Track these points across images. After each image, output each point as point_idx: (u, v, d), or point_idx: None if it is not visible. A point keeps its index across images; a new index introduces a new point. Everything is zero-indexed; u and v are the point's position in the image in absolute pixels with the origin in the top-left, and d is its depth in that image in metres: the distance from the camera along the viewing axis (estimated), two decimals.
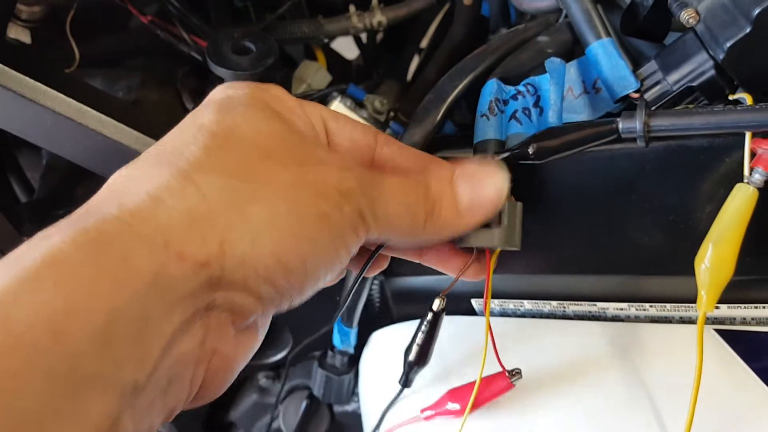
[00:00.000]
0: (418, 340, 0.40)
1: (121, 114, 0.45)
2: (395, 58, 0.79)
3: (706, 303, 0.33)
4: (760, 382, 0.38)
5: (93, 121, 0.44)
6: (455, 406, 0.41)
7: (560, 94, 0.38)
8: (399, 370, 0.41)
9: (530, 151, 0.36)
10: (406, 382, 0.41)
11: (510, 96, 0.38)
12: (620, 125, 0.35)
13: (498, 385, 0.40)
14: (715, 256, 0.33)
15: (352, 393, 0.54)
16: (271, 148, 0.29)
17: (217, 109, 0.30)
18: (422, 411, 0.43)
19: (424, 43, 0.79)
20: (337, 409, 0.61)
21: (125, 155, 0.44)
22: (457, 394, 0.42)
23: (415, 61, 0.79)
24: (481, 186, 0.33)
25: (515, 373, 0.40)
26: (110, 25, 0.61)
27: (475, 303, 0.46)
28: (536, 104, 0.38)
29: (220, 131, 0.29)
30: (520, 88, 0.38)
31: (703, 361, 0.34)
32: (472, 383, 0.40)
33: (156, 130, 0.45)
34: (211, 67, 0.45)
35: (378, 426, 0.46)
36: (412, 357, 0.40)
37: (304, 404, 0.60)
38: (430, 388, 0.44)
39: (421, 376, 0.42)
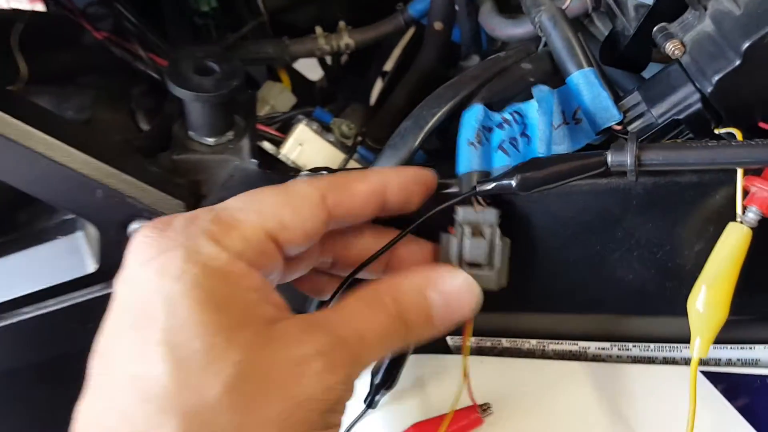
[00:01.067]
0: (386, 363, 0.39)
1: (71, 136, 0.41)
2: (359, 80, 0.77)
3: (700, 348, 0.32)
4: (750, 426, 0.36)
5: (39, 143, 0.40)
6: None
7: (549, 124, 0.36)
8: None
9: (513, 183, 0.34)
10: (371, 403, 0.41)
11: (496, 124, 0.36)
12: (609, 158, 0.33)
13: (467, 418, 0.39)
14: (709, 299, 0.32)
15: None
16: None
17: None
18: None
19: (388, 66, 0.77)
20: None
21: (74, 181, 0.41)
22: (424, 427, 0.40)
23: (378, 85, 0.77)
24: (458, 306, 0.32)
25: (485, 408, 0.39)
26: (62, 40, 0.58)
27: (450, 340, 0.44)
28: (523, 133, 0.36)
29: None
30: (506, 115, 0.36)
31: (696, 408, 0.32)
32: (440, 417, 0.39)
33: (108, 154, 0.42)
34: (170, 88, 0.43)
35: None
36: (378, 379, 0.40)
37: None
38: (396, 418, 0.42)
39: (389, 407, 0.41)
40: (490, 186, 0.34)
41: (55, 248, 0.47)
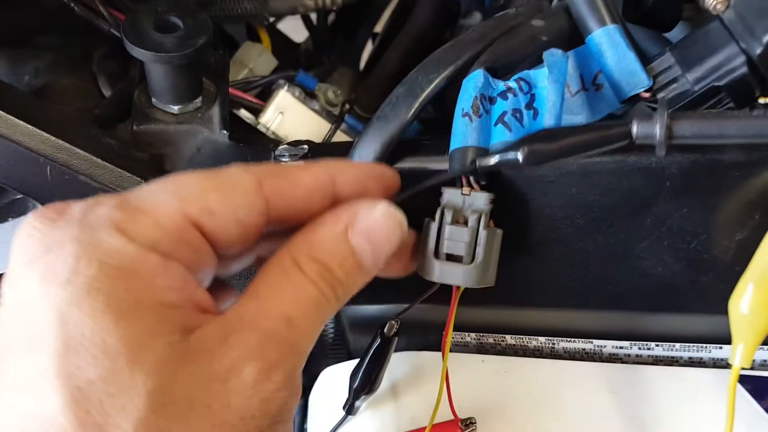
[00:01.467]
0: (365, 365, 0.36)
1: (15, 106, 0.37)
2: (347, 42, 0.72)
3: (743, 356, 0.27)
4: None
5: None
6: None
7: (560, 94, 0.31)
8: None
9: (520, 156, 0.28)
10: (350, 409, 0.38)
11: (498, 93, 0.31)
12: (635, 129, 0.28)
13: None
14: (756, 300, 0.27)
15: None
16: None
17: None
18: None
19: (379, 27, 0.72)
20: None
21: (19, 156, 0.37)
22: None
23: (368, 47, 0.72)
24: (386, 240, 0.27)
25: (469, 423, 0.36)
26: None
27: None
28: (529, 105, 0.31)
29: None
30: (511, 84, 0.31)
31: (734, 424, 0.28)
32: (420, 429, 0.36)
33: (58, 126, 0.37)
34: (127, 47, 0.37)
35: None
36: (357, 383, 0.37)
37: None
38: (378, 425, 0.39)
39: (371, 414, 0.38)
40: (492, 160, 0.29)
41: (5, 231, 0.43)
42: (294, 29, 0.71)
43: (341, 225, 0.26)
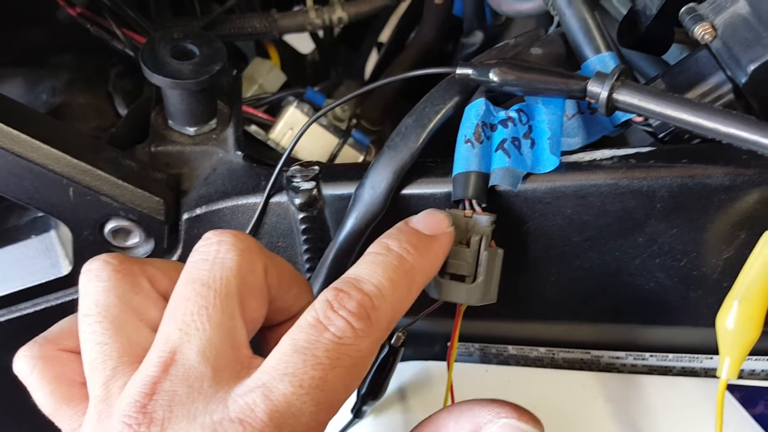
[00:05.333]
0: (373, 373, 0.38)
1: (38, 129, 0.38)
2: (353, 53, 0.73)
3: (729, 370, 0.29)
4: None
5: (4, 137, 0.37)
6: None
7: (558, 126, 0.33)
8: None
9: (493, 75, 0.31)
10: (357, 413, 0.40)
11: (499, 121, 0.33)
12: (588, 86, 0.30)
13: None
14: (741, 316, 0.28)
15: None
16: None
17: None
18: None
19: (384, 37, 0.73)
20: None
21: (43, 178, 0.38)
22: None
23: (373, 57, 0.73)
24: None
25: None
26: (34, 17, 0.54)
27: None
28: (527, 135, 0.33)
29: None
30: (512, 113, 0.33)
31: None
32: None
33: (80, 149, 0.39)
34: (146, 74, 0.39)
35: None
36: (365, 389, 0.38)
37: None
38: (384, 429, 0.40)
39: (377, 419, 0.40)
40: (469, 70, 0.32)
41: (28, 248, 0.44)
42: (300, 39, 0.72)
43: None
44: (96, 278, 0.29)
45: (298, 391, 0.24)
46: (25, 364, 0.30)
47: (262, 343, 0.31)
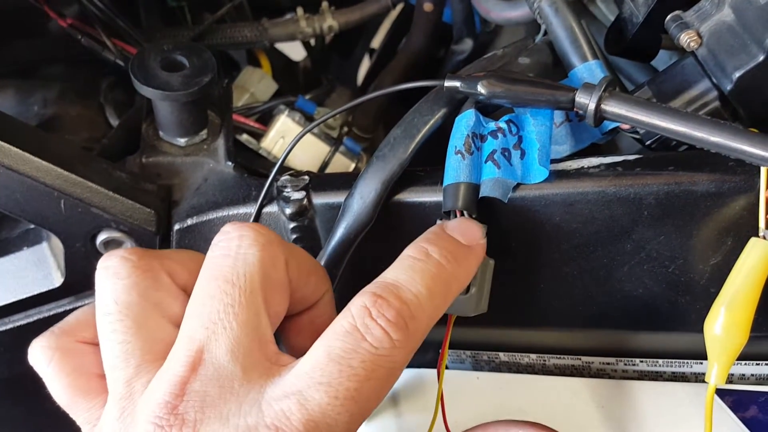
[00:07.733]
0: None
1: (29, 142, 0.38)
2: (344, 59, 0.74)
3: (717, 375, 0.29)
4: None
5: None
6: None
7: (547, 137, 0.33)
8: None
9: (479, 86, 0.32)
10: None
11: (489, 132, 0.33)
12: (576, 98, 0.31)
13: None
14: (728, 322, 0.29)
15: None
16: None
17: None
18: None
19: (375, 43, 0.74)
20: None
21: (33, 191, 0.38)
22: None
23: (365, 63, 0.74)
24: None
25: None
26: (25, 29, 0.54)
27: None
28: (517, 146, 0.33)
29: None
30: (501, 124, 0.33)
31: None
32: None
33: (70, 161, 0.39)
34: (136, 86, 0.39)
35: None
36: None
37: None
38: None
39: (370, 427, 0.39)
40: (457, 82, 0.32)
41: (20, 260, 0.44)
42: (292, 45, 0.72)
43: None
44: (115, 275, 0.28)
45: (333, 402, 0.24)
46: (43, 355, 0.29)
47: (280, 333, 0.31)
